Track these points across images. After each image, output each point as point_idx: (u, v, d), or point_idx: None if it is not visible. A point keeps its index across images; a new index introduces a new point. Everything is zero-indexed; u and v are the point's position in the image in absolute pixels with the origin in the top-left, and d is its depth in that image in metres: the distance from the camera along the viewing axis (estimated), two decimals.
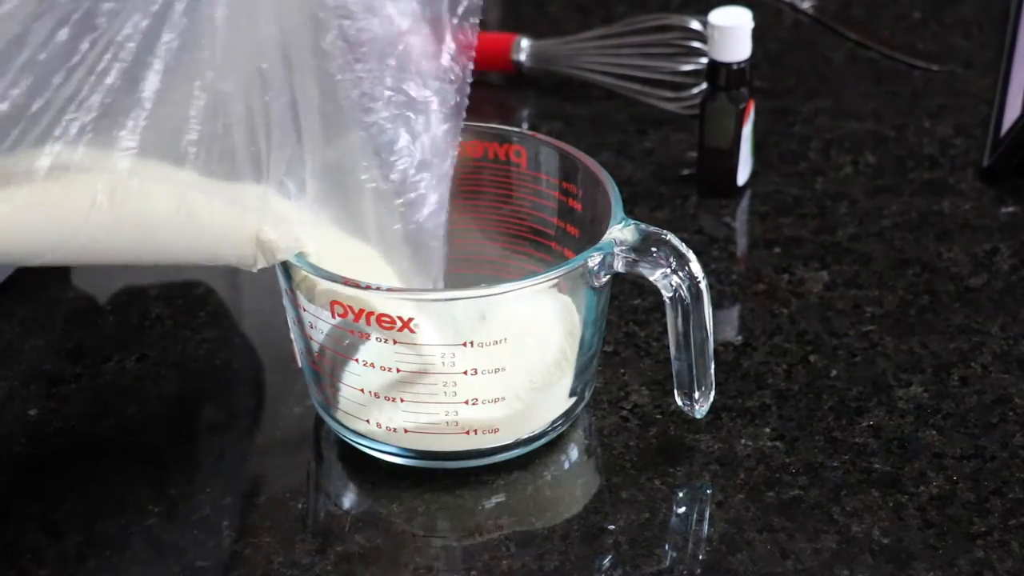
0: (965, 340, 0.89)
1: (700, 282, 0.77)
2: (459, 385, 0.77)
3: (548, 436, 0.81)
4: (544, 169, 0.85)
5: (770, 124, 1.08)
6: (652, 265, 0.77)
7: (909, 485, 0.79)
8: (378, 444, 0.80)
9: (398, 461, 0.80)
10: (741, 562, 0.76)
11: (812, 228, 0.98)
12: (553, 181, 0.84)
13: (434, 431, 0.79)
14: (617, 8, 1.23)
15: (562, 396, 0.81)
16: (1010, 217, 0.99)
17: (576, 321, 0.80)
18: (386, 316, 0.75)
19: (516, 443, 0.80)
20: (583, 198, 0.83)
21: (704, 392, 0.80)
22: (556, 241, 0.85)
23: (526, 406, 0.79)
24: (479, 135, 0.85)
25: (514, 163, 0.85)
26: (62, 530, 0.78)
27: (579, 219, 0.83)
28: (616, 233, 0.77)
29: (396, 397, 0.78)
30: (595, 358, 0.82)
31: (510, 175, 0.85)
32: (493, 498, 0.79)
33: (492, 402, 0.78)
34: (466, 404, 0.78)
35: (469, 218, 0.86)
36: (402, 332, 0.76)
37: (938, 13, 1.22)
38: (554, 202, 0.84)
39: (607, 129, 1.09)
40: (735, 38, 0.98)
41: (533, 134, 0.86)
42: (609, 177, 0.81)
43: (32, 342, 0.91)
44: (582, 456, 0.82)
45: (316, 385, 0.82)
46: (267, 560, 0.77)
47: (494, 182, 0.86)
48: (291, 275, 0.78)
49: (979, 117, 1.08)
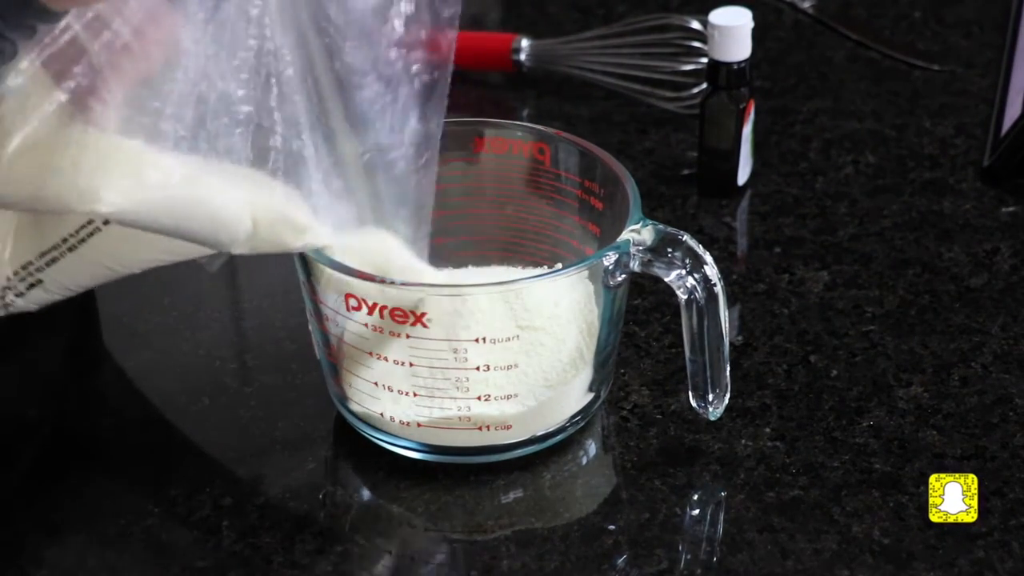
0: (965, 340, 0.89)
1: (716, 284, 0.77)
2: (471, 380, 0.77)
3: (563, 434, 0.81)
4: (565, 167, 0.85)
5: (770, 124, 1.08)
6: (668, 266, 0.77)
7: (909, 485, 0.79)
8: (391, 437, 0.80)
9: (410, 455, 0.80)
10: (741, 562, 0.76)
11: (812, 228, 0.98)
12: (574, 179, 0.84)
13: (446, 426, 0.79)
14: (617, 8, 1.23)
15: (577, 395, 0.81)
16: (1010, 217, 0.99)
17: (593, 320, 0.80)
18: (399, 310, 0.75)
19: (530, 440, 0.80)
20: (604, 196, 0.83)
21: (719, 394, 0.80)
22: (577, 239, 0.85)
23: (540, 404, 0.79)
24: (503, 132, 0.85)
25: (539, 160, 0.85)
26: (62, 530, 0.78)
27: (600, 217, 0.83)
28: (633, 233, 0.77)
29: (409, 391, 0.78)
30: (611, 357, 0.82)
31: (537, 172, 0.85)
32: (493, 498, 0.79)
33: (505, 399, 0.78)
34: (478, 400, 0.78)
35: (489, 214, 0.86)
36: (415, 326, 0.76)
37: (938, 13, 1.22)
38: (575, 200, 0.84)
39: (607, 129, 1.09)
40: (735, 38, 0.98)
41: (558, 132, 0.86)
42: (630, 176, 0.81)
43: (32, 342, 0.90)
44: (582, 456, 0.82)
45: (332, 377, 0.82)
46: (267, 560, 0.77)
47: (519, 179, 0.86)
48: (309, 268, 0.78)
49: (979, 117, 1.08)
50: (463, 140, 0.85)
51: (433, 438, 0.80)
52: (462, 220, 0.87)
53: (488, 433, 0.79)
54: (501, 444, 0.80)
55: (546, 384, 0.79)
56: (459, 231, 0.87)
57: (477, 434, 0.79)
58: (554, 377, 0.79)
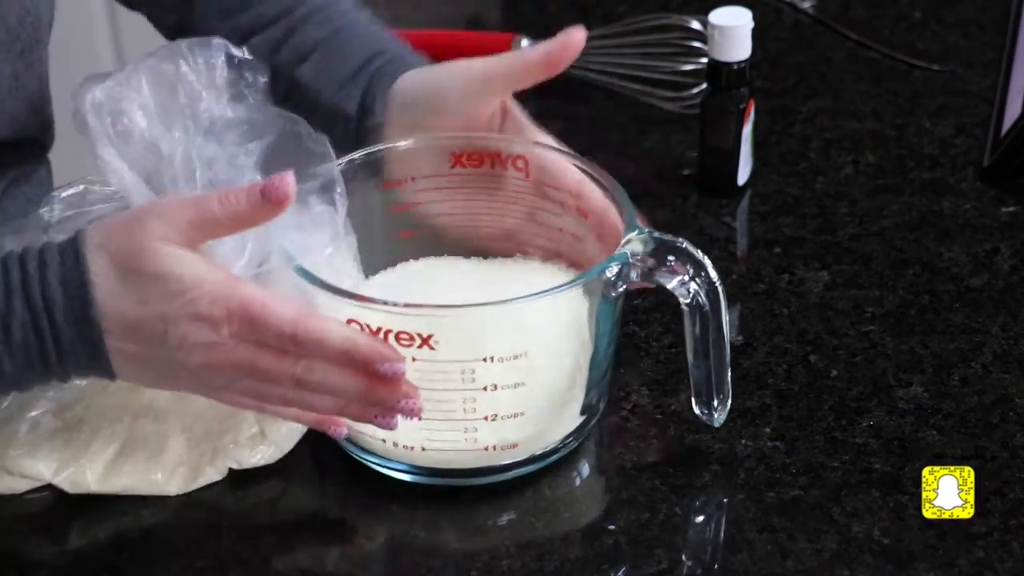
0: (965, 340, 0.89)
1: (718, 287, 0.76)
2: (478, 401, 0.77)
3: (563, 451, 0.81)
4: (552, 179, 0.84)
5: (770, 124, 1.08)
6: (669, 273, 0.77)
7: (909, 485, 0.79)
8: (391, 463, 0.79)
9: (410, 479, 0.80)
10: (741, 562, 0.76)
11: (812, 228, 0.98)
12: (562, 191, 0.84)
13: (452, 447, 0.78)
14: (617, 8, 1.23)
15: (578, 409, 0.80)
16: (1010, 217, 0.99)
17: (592, 333, 0.79)
18: (405, 333, 0.75)
19: (531, 459, 0.80)
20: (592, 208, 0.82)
21: (723, 400, 0.80)
22: (566, 252, 0.84)
23: (545, 420, 0.79)
24: (480, 146, 0.84)
25: (521, 173, 0.84)
26: (62, 530, 0.78)
27: (589, 228, 0.82)
28: (630, 244, 0.77)
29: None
30: (609, 369, 0.81)
31: (518, 186, 0.85)
32: (493, 498, 0.79)
33: (511, 417, 0.78)
34: (485, 420, 0.77)
35: (474, 230, 0.86)
36: (421, 349, 0.75)
37: (938, 13, 1.22)
38: (563, 211, 0.84)
39: (607, 129, 1.09)
40: (735, 38, 0.98)
41: (540, 144, 0.85)
42: (619, 187, 0.80)
43: None
44: (583, 457, 0.82)
45: None
46: (267, 560, 0.77)
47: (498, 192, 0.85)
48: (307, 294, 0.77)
49: (979, 117, 1.08)
50: (442, 155, 0.85)
51: (435, 461, 0.79)
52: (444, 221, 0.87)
53: (493, 453, 0.78)
54: (504, 464, 0.79)
55: (550, 399, 0.79)
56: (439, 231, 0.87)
57: (483, 455, 0.78)
58: (557, 392, 0.79)
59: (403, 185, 0.85)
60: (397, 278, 0.86)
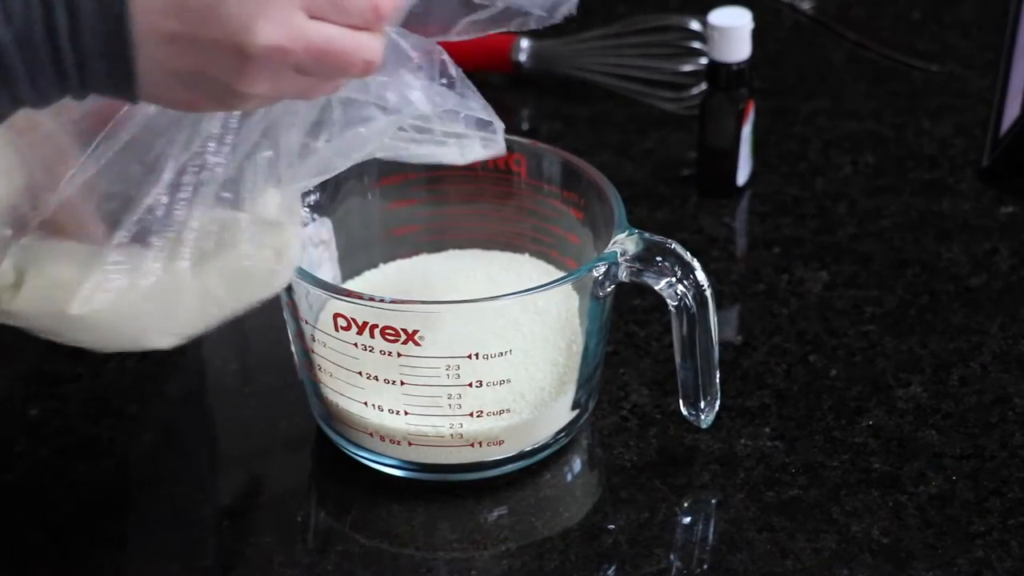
0: (965, 340, 0.89)
1: (706, 290, 0.76)
2: (464, 397, 0.77)
3: (552, 448, 0.81)
4: (545, 178, 0.84)
5: (770, 124, 1.08)
6: (657, 275, 0.77)
7: (909, 485, 0.79)
8: (380, 457, 0.80)
9: (399, 474, 0.80)
10: (741, 562, 0.76)
11: (812, 228, 0.98)
12: (554, 190, 0.84)
13: (438, 443, 0.78)
14: (617, 8, 1.23)
15: (566, 407, 0.81)
16: (1010, 217, 0.99)
17: (581, 332, 0.79)
18: (390, 328, 0.75)
19: (520, 455, 0.80)
20: (584, 207, 0.83)
21: (710, 401, 0.80)
22: (558, 251, 0.85)
23: (531, 417, 0.79)
24: None
25: (514, 172, 0.85)
26: (62, 530, 0.78)
27: (580, 228, 0.83)
28: (620, 243, 0.77)
29: (400, 410, 0.78)
30: (599, 368, 0.82)
31: (511, 184, 0.85)
32: (493, 498, 0.79)
33: (497, 414, 0.78)
34: (471, 416, 0.78)
35: (469, 228, 0.86)
36: (407, 344, 0.75)
37: (938, 13, 1.22)
38: (555, 211, 0.84)
39: (607, 129, 1.09)
40: (735, 38, 0.98)
41: (533, 142, 0.85)
42: (611, 186, 0.81)
43: (32, 342, 0.90)
44: (582, 456, 0.82)
45: (317, 397, 0.81)
46: (267, 560, 0.77)
47: (494, 192, 0.85)
48: (292, 289, 0.77)
49: (979, 117, 1.08)
50: None
51: (423, 456, 0.79)
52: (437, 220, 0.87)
53: (479, 449, 0.79)
54: (491, 460, 0.79)
55: (537, 397, 0.79)
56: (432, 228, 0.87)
57: (468, 451, 0.79)
58: (545, 390, 0.79)
59: (398, 182, 0.85)
60: (389, 274, 0.86)
